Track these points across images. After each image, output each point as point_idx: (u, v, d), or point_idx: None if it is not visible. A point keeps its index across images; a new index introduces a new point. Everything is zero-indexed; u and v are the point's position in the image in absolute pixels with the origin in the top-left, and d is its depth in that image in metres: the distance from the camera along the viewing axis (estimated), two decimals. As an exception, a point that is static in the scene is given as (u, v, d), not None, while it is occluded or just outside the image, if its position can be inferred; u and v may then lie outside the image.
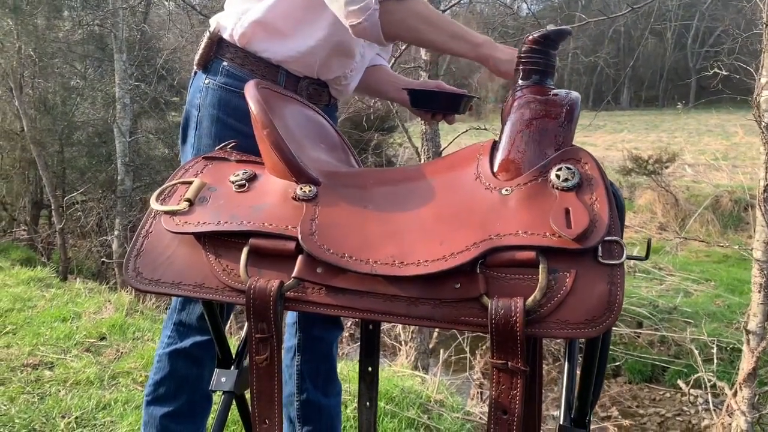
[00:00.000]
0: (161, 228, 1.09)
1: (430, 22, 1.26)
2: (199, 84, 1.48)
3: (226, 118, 1.44)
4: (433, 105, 1.55)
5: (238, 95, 1.39)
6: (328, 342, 1.73)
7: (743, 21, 11.45)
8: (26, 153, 9.46)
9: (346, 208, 1.06)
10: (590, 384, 1.04)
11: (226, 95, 1.44)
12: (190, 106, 1.50)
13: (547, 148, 1.01)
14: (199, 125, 1.47)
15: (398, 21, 1.27)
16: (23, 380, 2.85)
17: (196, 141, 1.47)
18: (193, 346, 1.53)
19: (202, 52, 1.47)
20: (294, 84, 1.46)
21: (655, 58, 32.26)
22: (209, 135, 1.45)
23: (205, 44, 1.47)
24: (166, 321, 1.58)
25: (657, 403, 6.00)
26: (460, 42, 1.28)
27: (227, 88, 1.44)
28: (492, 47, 1.29)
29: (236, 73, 1.43)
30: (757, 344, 3.25)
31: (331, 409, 1.75)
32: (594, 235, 0.89)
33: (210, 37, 1.46)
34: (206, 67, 1.47)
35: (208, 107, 1.45)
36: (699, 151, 14.72)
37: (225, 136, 1.38)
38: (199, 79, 1.49)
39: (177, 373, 1.55)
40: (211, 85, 1.45)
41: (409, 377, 3.50)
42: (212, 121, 1.45)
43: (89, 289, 5.02)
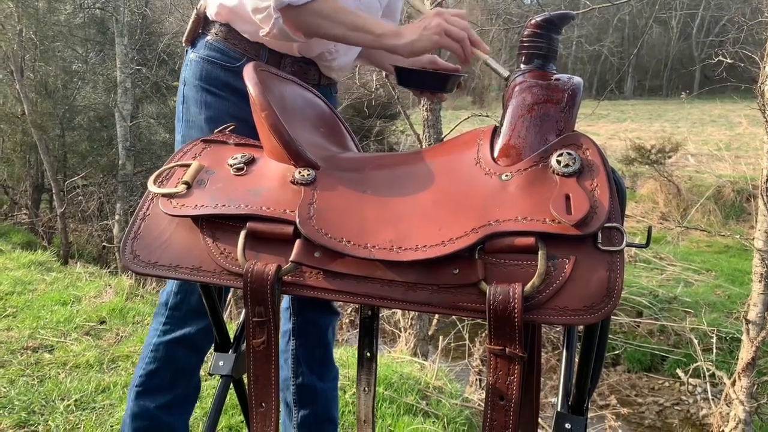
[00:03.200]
0: (159, 211, 1.09)
1: (329, 18, 1.28)
2: (187, 60, 1.52)
3: (208, 87, 1.46)
4: (419, 83, 1.51)
5: (220, 66, 1.45)
6: (323, 326, 1.73)
7: (749, 10, 11.37)
8: (27, 137, 9.45)
9: (345, 192, 1.05)
10: (588, 371, 1.03)
11: (207, 66, 1.47)
12: (180, 82, 1.55)
13: (548, 133, 1.00)
14: (186, 98, 1.51)
15: (301, 22, 1.30)
16: (23, 363, 2.86)
17: (185, 114, 1.51)
18: (196, 333, 1.51)
19: (190, 28, 1.51)
20: (277, 61, 1.46)
21: (660, 47, 32.06)
22: (195, 104, 1.48)
23: (192, 21, 1.50)
24: (160, 307, 1.55)
25: (656, 392, 6.02)
26: (362, 34, 1.28)
27: (209, 59, 1.47)
28: (394, 36, 1.27)
29: (218, 46, 1.46)
30: (757, 334, 3.25)
31: (327, 393, 1.75)
32: (594, 222, 0.88)
33: (197, 14, 1.49)
34: (193, 43, 1.51)
35: (192, 79, 1.49)
36: (702, 141, 14.67)
37: (208, 105, 1.45)
38: (188, 55, 1.53)
39: (176, 363, 1.52)
40: (195, 58, 1.49)
41: (408, 363, 3.51)
42: (196, 91, 1.48)
43: (89, 273, 5.03)
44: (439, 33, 1.24)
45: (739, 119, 15.21)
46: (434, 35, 1.24)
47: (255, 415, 1.05)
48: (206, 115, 1.46)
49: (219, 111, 1.45)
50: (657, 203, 11.48)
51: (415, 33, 1.25)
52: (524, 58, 1.09)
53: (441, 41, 1.25)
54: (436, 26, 1.24)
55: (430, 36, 1.24)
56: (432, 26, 1.25)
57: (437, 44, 1.25)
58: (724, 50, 4.05)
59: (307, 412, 1.71)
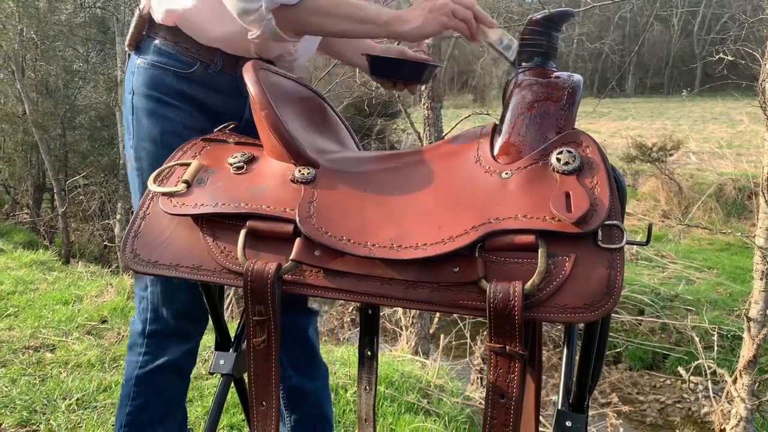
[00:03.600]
0: (159, 210, 1.09)
1: (331, 14, 1.20)
2: (131, 67, 1.39)
3: (160, 96, 1.34)
4: (394, 74, 1.44)
5: (172, 73, 1.33)
6: (303, 327, 1.66)
7: (750, 7, 11.35)
8: (28, 136, 9.45)
9: (345, 190, 1.05)
10: (589, 369, 1.03)
11: (157, 73, 1.34)
12: (126, 91, 1.41)
13: (548, 131, 1.00)
14: (136, 109, 1.36)
15: (298, 22, 1.22)
16: (25, 362, 2.86)
17: (136, 126, 1.37)
18: (180, 357, 1.42)
19: (133, 31, 1.37)
20: (233, 64, 1.35)
21: (661, 45, 32.02)
22: (147, 116, 1.35)
23: (135, 24, 1.37)
24: (135, 338, 1.43)
25: (657, 390, 6.02)
26: (368, 25, 1.21)
27: (158, 66, 1.34)
28: (399, 22, 1.20)
29: (168, 51, 1.34)
30: (758, 331, 3.25)
31: (318, 393, 1.70)
32: (594, 219, 0.88)
33: (140, 16, 1.37)
34: (138, 48, 1.38)
35: (141, 88, 1.35)
36: (703, 139, 14.65)
37: (162, 116, 1.33)
38: (132, 61, 1.39)
39: (164, 392, 1.43)
40: (142, 64, 1.36)
41: (409, 362, 3.51)
42: (147, 101, 1.35)
43: (91, 272, 5.04)
44: (447, 14, 1.18)
45: (741, 117, 15.18)
46: (442, 16, 1.18)
47: (256, 414, 1.05)
48: (161, 128, 1.34)
49: (175, 123, 1.34)
50: (658, 201, 11.48)
51: (421, 16, 1.19)
52: (524, 55, 1.08)
53: (449, 22, 1.19)
54: (442, 6, 1.18)
55: (438, 17, 1.18)
56: (438, 6, 1.18)
57: (445, 26, 1.19)
58: (726, 48, 4.05)
59: (300, 414, 1.67)
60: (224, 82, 1.36)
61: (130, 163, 1.40)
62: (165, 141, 1.32)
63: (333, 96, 6.95)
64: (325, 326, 6.55)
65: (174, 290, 1.38)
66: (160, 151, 1.31)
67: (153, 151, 1.34)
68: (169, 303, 1.38)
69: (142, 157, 1.36)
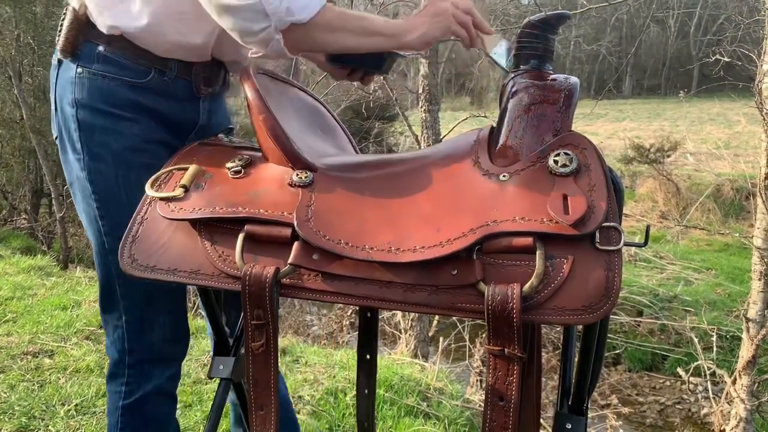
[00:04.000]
0: (157, 214, 1.09)
1: (340, 30, 1.15)
2: (69, 75, 1.22)
3: (114, 110, 1.21)
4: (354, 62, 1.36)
5: (123, 83, 1.21)
6: None
7: (746, 8, 11.38)
8: (26, 141, 9.44)
9: (343, 194, 1.05)
10: (587, 371, 1.03)
11: (106, 84, 1.21)
12: (63, 103, 1.24)
13: (545, 133, 1.00)
14: (83, 125, 1.22)
15: (307, 40, 1.15)
16: (23, 368, 2.85)
17: (87, 143, 1.22)
18: (165, 381, 1.34)
19: (68, 35, 1.21)
20: (188, 69, 1.27)
21: (658, 47, 32.09)
22: (102, 132, 1.22)
23: (68, 26, 1.21)
24: (114, 367, 1.33)
25: (657, 391, 6.02)
26: (376, 37, 1.16)
27: (107, 76, 1.21)
28: (405, 32, 1.16)
29: (116, 59, 1.20)
30: (757, 332, 3.26)
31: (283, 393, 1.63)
32: (591, 221, 0.89)
33: (75, 17, 1.21)
34: (75, 54, 1.22)
35: (88, 101, 1.21)
36: (701, 140, 14.67)
37: (120, 132, 1.21)
38: (67, 70, 1.23)
39: (153, 418, 1.36)
40: (85, 74, 1.21)
41: (408, 365, 3.51)
42: (98, 116, 1.21)
43: (89, 277, 5.02)
44: (449, 18, 1.16)
45: (738, 117, 15.20)
46: (445, 21, 1.16)
47: (255, 418, 1.05)
48: (118, 145, 1.21)
49: (132, 137, 1.22)
50: (656, 202, 11.49)
51: (425, 23, 1.16)
52: (521, 58, 1.09)
53: (452, 27, 1.17)
54: (443, 11, 1.16)
55: (441, 22, 1.16)
56: (440, 11, 1.16)
57: (448, 30, 1.17)
58: (722, 49, 4.06)
59: None
60: (179, 88, 1.27)
61: (80, 186, 1.25)
62: (124, 158, 1.21)
63: (330, 99, 6.96)
64: (324, 330, 6.55)
65: (154, 316, 1.29)
66: (119, 171, 1.21)
67: (111, 171, 1.21)
68: (151, 329, 1.29)
69: (97, 180, 1.22)
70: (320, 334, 6.46)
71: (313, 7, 1.10)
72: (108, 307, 1.30)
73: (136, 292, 1.26)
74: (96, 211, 1.24)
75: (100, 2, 1.19)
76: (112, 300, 1.28)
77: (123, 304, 1.28)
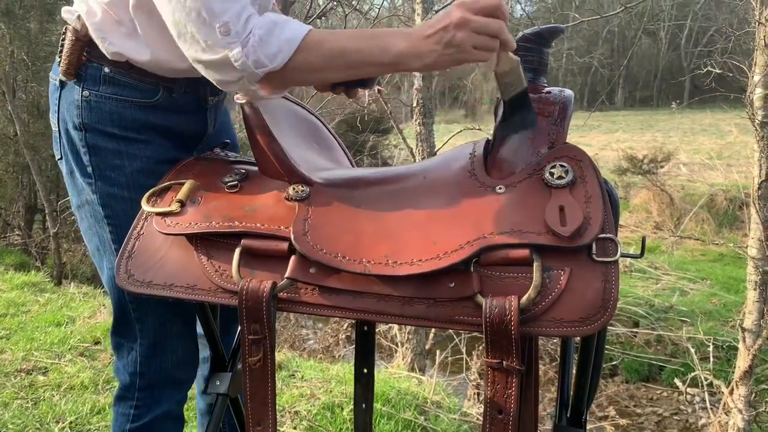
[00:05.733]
0: (153, 229, 1.09)
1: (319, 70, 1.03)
2: (73, 98, 1.19)
3: (126, 133, 1.19)
4: None
5: (133, 105, 1.18)
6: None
7: (736, 20, 11.50)
8: (20, 157, 9.42)
9: (339, 207, 1.05)
10: (586, 383, 1.03)
11: (116, 107, 1.17)
12: (68, 126, 1.21)
13: (540, 146, 1.01)
14: (93, 149, 1.19)
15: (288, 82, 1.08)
16: (17, 385, 2.83)
17: (98, 167, 1.19)
18: (176, 405, 1.33)
19: (70, 57, 1.17)
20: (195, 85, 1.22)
21: (649, 58, 32.35)
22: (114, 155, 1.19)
23: (70, 47, 1.17)
24: (124, 390, 1.30)
25: (654, 402, 6.00)
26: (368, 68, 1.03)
27: (116, 98, 1.17)
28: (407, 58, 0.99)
29: (124, 80, 1.17)
30: (753, 342, 3.25)
31: None
32: (588, 233, 0.89)
33: (75, 38, 1.17)
34: (79, 76, 1.18)
35: (95, 124, 1.18)
36: (693, 151, 14.76)
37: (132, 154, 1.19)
38: (70, 92, 1.20)
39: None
40: (92, 98, 1.17)
41: (405, 379, 3.49)
42: (109, 140, 1.18)
43: (83, 293, 4.99)
44: (466, 50, 0.96)
45: (730, 128, 15.31)
46: (460, 53, 0.96)
47: (252, 434, 1.04)
48: (130, 169, 1.19)
49: (144, 160, 1.20)
50: (650, 213, 11.52)
51: (435, 52, 0.97)
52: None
53: (468, 58, 0.98)
54: (461, 41, 0.94)
55: (454, 56, 0.97)
56: (457, 41, 0.95)
57: (462, 62, 1.00)
58: (713, 60, 4.09)
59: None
60: (188, 102, 1.24)
61: (91, 210, 1.22)
62: (137, 182, 1.19)
63: (325, 113, 6.98)
64: (320, 344, 6.52)
65: (167, 340, 1.27)
66: (133, 194, 1.18)
67: (125, 195, 1.19)
68: (163, 353, 1.28)
69: (110, 203, 1.20)
70: (316, 348, 6.43)
71: (287, 52, 1.00)
72: (122, 330, 1.28)
73: (150, 316, 1.23)
74: (110, 234, 1.21)
75: (102, 27, 1.15)
76: (126, 323, 1.26)
77: (138, 327, 1.25)
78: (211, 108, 1.30)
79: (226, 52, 0.99)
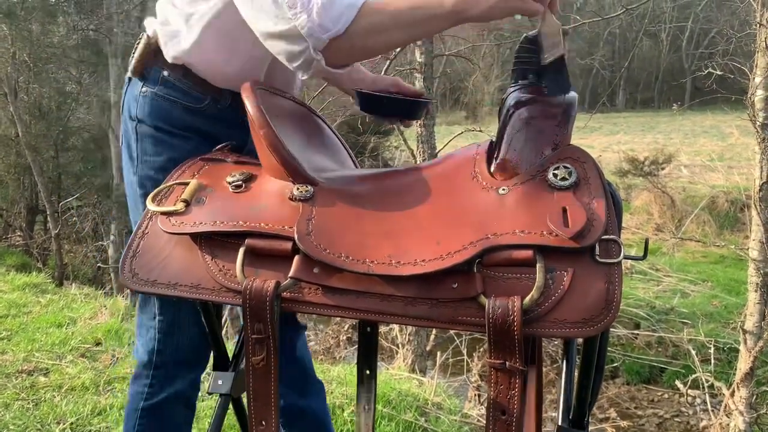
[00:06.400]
0: (158, 229, 1.09)
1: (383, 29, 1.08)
2: (134, 93, 1.35)
3: (170, 129, 1.32)
4: (381, 110, 1.38)
5: (181, 107, 1.31)
6: (292, 344, 1.61)
7: (737, 22, 11.50)
8: (21, 158, 9.44)
9: (343, 207, 1.05)
10: (588, 384, 1.03)
11: (166, 105, 1.32)
12: (127, 115, 1.37)
13: (544, 147, 1.01)
14: (141, 137, 1.34)
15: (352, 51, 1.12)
16: (18, 386, 2.83)
17: (141, 153, 1.34)
18: (187, 387, 1.41)
19: (139, 59, 1.33)
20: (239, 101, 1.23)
21: (650, 60, 32.34)
22: (154, 144, 1.33)
23: (141, 52, 1.33)
24: (140, 369, 1.39)
25: (655, 404, 6.00)
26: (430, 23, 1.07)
27: (168, 98, 1.31)
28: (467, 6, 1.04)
29: (178, 85, 1.31)
30: (754, 344, 3.25)
31: (315, 410, 1.66)
32: (591, 234, 0.89)
33: (148, 43, 1.33)
34: (143, 75, 1.34)
35: (147, 117, 1.32)
36: (695, 152, 14.76)
37: (170, 146, 1.31)
38: (134, 87, 1.36)
39: (171, 423, 1.42)
40: (148, 94, 1.32)
41: (406, 380, 3.49)
42: (154, 131, 1.32)
43: (85, 294, 5.00)
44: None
45: (731, 130, 15.31)
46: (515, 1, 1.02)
47: (255, 434, 1.05)
48: (168, 157, 1.31)
49: (183, 151, 1.30)
50: (652, 215, 11.52)
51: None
52: (518, 73, 1.10)
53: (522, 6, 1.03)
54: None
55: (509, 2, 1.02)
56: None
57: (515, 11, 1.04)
58: (714, 62, 4.10)
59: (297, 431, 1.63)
60: (231, 116, 1.34)
61: (133, 189, 1.36)
62: (170, 169, 1.28)
63: (327, 114, 6.98)
64: (321, 345, 6.52)
65: (183, 320, 1.35)
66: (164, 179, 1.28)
67: (159, 178, 1.28)
68: (180, 332, 1.35)
69: (146, 185, 1.32)
70: (317, 350, 6.43)
71: (349, 15, 1.06)
72: (145, 308, 1.38)
73: None
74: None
75: (167, 33, 1.30)
76: (148, 300, 1.37)
77: (158, 305, 1.35)
78: None
79: (294, 23, 1.07)
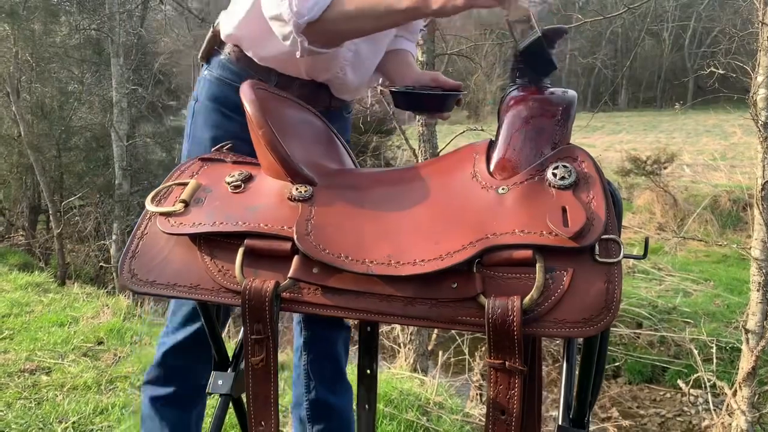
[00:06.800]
0: (156, 229, 1.09)
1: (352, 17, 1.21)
2: (201, 75, 1.53)
3: (220, 108, 1.46)
4: (415, 107, 1.48)
5: (232, 88, 1.41)
6: (332, 341, 1.70)
7: (739, 21, 11.48)
8: (24, 158, 9.46)
9: (342, 208, 1.05)
10: (588, 384, 1.03)
11: (220, 87, 1.47)
12: (192, 98, 1.55)
13: (543, 146, 1.01)
14: (196, 115, 1.51)
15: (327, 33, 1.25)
16: (20, 385, 2.84)
17: (193, 130, 1.51)
18: (183, 338, 1.54)
19: (205, 46, 1.51)
20: (287, 84, 1.43)
21: (653, 59, 32.30)
22: (205, 124, 1.48)
23: (208, 38, 1.50)
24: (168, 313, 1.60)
25: (657, 403, 6.00)
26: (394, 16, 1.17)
27: (222, 80, 1.46)
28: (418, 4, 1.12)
29: (231, 67, 1.46)
30: (757, 343, 3.25)
31: (343, 409, 1.71)
32: (591, 234, 0.89)
33: (213, 32, 1.50)
34: (208, 60, 1.52)
35: (204, 98, 1.49)
36: (697, 152, 14.74)
37: (216, 125, 1.45)
38: (202, 70, 1.54)
39: (165, 363, 1.56)
40: (208, 76, 1.49)
41: (407, 379, 3.49)
42: (207, 111, 1.48)
43: (87, 293, 5.01)
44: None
45: (733, 129, 15.28)
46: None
47: (255, 434, 1.04)
48: (212, 135, 1.45)
49: (225, 132, 1.43)
50: (654, 214, 11.51)
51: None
52: (519, 72, 1.09)
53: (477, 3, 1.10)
54: None
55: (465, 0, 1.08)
56: None
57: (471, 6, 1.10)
58: (717, 61, 4.08)
59: (322, 427, 1.68)
60: None
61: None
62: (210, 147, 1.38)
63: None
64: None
65: None
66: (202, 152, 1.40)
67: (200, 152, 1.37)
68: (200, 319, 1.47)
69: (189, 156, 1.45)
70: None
71: (323, 4, 1.21)
72: None
73: None
74: None
75: (224, 18, 1.46)
76: None
77: None
78: None
79: (281, 9, 1.23)
